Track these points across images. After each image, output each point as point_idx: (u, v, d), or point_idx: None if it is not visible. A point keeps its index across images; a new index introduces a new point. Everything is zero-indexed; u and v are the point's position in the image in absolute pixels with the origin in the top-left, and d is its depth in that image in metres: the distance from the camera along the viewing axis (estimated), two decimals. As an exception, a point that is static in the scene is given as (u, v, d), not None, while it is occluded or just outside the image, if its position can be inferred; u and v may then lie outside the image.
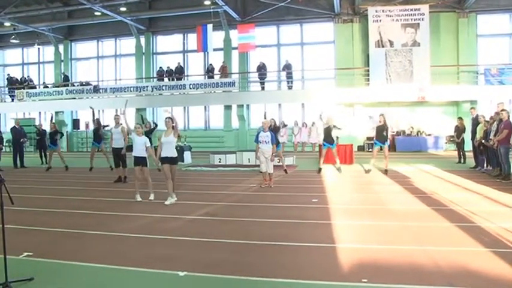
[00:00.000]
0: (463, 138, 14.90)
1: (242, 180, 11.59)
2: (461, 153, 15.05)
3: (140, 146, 8.84)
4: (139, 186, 9.00)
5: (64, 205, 8.45)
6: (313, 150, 21.33)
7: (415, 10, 20.80)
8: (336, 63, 22.57)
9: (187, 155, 17.54)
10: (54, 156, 15.70)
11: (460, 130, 14.95)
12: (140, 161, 8.88)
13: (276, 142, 13.61)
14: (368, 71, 21.27)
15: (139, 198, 8.72)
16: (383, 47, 20.93)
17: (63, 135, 17.72)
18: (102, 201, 8.87)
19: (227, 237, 5.88)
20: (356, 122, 21.45)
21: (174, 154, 8.64)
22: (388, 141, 12.79)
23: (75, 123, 26.55)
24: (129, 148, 9.54)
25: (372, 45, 21.01)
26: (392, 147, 20.03)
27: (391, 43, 20.92)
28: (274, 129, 13.57)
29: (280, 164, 13.56)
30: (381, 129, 12.24)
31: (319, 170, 13.08)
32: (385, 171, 12.30)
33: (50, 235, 6.19)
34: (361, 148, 21.62)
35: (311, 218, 6.91)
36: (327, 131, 12.69)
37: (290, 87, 23.03)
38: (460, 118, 15.45)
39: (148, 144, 8.92)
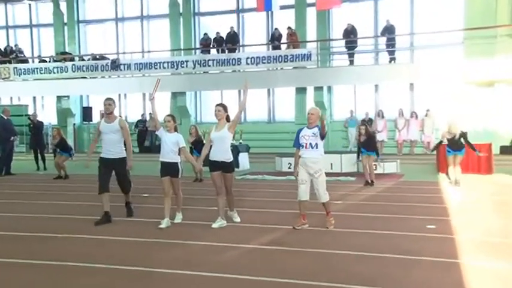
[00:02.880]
0: None
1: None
2: None
3: (170, 146, 8.78)
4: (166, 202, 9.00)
5: (72, 228, 8.88)
6: (426, 152, 20.79)
7: None
8: (465, 22, 21.75)
9: (243, 159, 17.80)
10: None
11: None
12: (170, 169, 8.81)
13: (374, 150, 13.92)
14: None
15: (164, 224, 8.66)
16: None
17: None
18: (123, 222, 9.21)
19: (302, 277, 5.85)
20: (498, 110, 20.54)
21: (229, 157, 8.69)
22: None
23: (86, 113, 27.03)
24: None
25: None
26: None
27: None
28: (368, 134, 13.69)
29: (373, 171, 13.81)
30: None
31: (452, 182, 13.48)
32: None
33: (50, 270, 6.52)
34: (506, 150, 20.50)
35: (426, 254, 6.76)
36: (452, 140, 13.30)
37: (392, 60, 22.61)
38: None
39: (183, 144, 8.93)
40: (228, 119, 8.77)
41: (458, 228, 8.30)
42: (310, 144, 8.39)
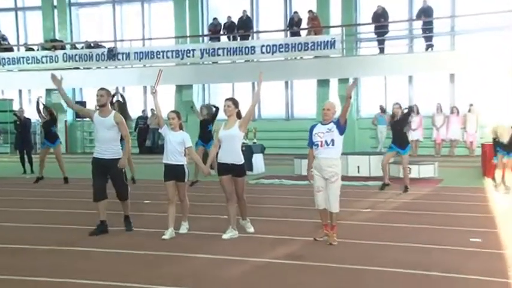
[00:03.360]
0: None
1: (346, 201, 11.44)
2: None
3: (175, 146, 8.83)
4: (171, 209, 9.01)
5: (62, 239, 8.91)
6: (470, 154, 20.66)
7: None
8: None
9: (257, 160, 17.79)
10: (50, 159, 16.54)
11: None
12: (175, 173, 8.86)
13: (407, 146, 13.79)
14: None
15: (168, 235, 8.68)
16: None
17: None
18: (122, 233, 9.23)
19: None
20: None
21: (239, 159, 8.69)
22: None
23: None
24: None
25: None
26: None
27: None
28: (399, 126, 13.54)
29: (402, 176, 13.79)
30: None
31: (500, 186, 13.49)
32: None
33: None
34: None
35: (470, 272, 6.70)
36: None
37: (430, 48, 22.47)
38: None
39: (189, 143, 8.96)
40: (239, 115, 8.76)
41: (508, 242, 8.21)
42: (326, 141, 8.21)
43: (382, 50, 23.01)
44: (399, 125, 13.64)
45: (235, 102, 8.79)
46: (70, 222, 10.09)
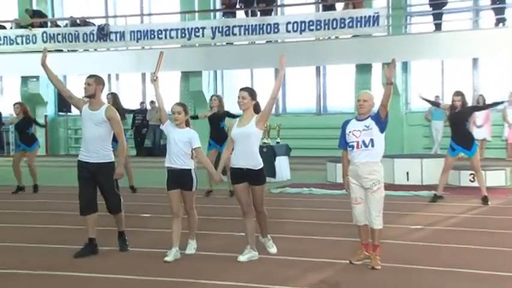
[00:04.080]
0: None
1: (391, 215, 11.48)
2: None
3: (181, 147, 8.86)
4: (177, 224, 9.02)
5: (39, 262, 8.99)
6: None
7: None
8: None
9: (281, 164, 17.79)
10: (23, 165, 16.66)
11: None
12: (181, 179, 8.91)
13: (473, 146, 13.79)
14: None
15: (172, 257, 8.66)
16: None
17: (43, 126, 18.44)
18: (115, 254, 9.28)
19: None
20: None
21: (257, 162, 8.70)
22: None
23: (63, 100, 26.07)
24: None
25: None
26: None
27: None
28: (461, 118, 13.41)
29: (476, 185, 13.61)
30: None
31: None
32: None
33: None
34: None
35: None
36: None
37: (501, 23, 22.33)
38: None
39: (197, 143, 8.94)
40: (257, 109, 8.77)
41: None
42: (363, 142, 8.18)
43: (438, 27, 22.99)
44: (461, 117, 13.44)
45: (251, 93, 8.77)
46: (52, 241, 10.16)
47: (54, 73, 9.38)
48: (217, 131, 14.84)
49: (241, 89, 8.84)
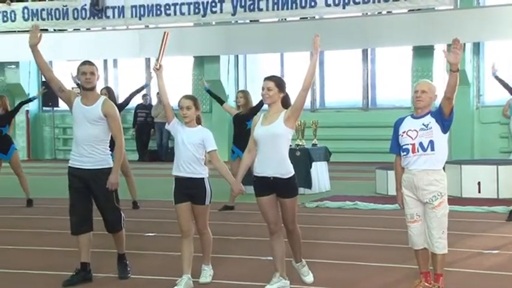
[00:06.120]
0: None
1: (458, 237, 11.53)
2: None
3: (191, 150, 8.88)
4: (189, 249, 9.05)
5: None
6: None
7: None
8: None
9: (319, 172, 17.83)
10: (4, 170, 16.91)
11: None
12: (191, 190, 8.95)
13: None
14: None
15: (183, 286, 8.64)
16: None
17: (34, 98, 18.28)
18: (113, 282, 9.32)
19: None
20: None
21: (286, 170, 8.63)
22: None
23: (48, 92, 27.16)
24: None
25: None
26: None
27: None
28: None
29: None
30: None
31: None
32: None
33: None
34: None
35: None
36: None
37: None
38: None
39: (212, 146, 8.96)
40: (286, 103, 8.74)
41: None
42: (421, 144, 8.11)
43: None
44: None
45: (279, 83, 8.67)
46: (36, 266, 10.20)
47: (45, 59, 9.47)
48: (243, 135, 14.08)
49: (266, 78, 8.73)
